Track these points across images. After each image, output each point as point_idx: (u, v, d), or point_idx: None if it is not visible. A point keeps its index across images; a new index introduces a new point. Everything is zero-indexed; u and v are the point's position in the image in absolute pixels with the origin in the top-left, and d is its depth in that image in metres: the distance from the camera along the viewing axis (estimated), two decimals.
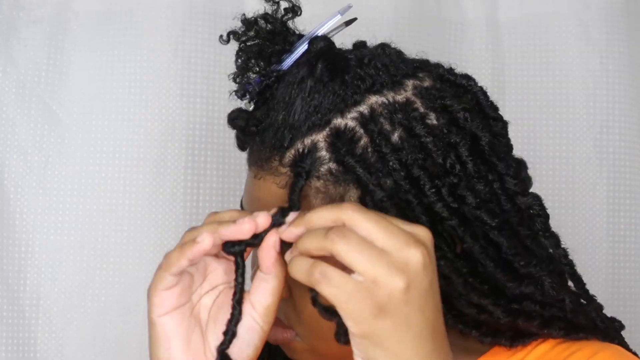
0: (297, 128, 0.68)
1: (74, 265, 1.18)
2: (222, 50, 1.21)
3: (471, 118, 0.69)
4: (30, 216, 1.17)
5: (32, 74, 1.18)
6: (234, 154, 1.23)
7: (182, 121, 1.20)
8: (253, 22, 0.74)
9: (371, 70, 0.69)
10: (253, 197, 0.72)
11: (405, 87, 0.69)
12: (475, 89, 0.72)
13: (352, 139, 0.67)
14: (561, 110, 1.29)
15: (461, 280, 0.67)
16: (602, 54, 1.29)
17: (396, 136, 0.67)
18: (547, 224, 0.72)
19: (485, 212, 0.67)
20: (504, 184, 0.69)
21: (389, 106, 0.68)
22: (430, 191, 0.66)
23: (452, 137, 0.68)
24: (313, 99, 0.68)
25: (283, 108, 0.69)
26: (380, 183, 0.66)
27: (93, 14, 1.21)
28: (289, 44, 0.73)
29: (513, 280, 0.69)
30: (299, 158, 0.67)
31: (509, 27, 1.31)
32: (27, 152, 1.18)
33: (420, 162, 0.66)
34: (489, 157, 0.69)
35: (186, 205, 1.20)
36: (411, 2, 1.28)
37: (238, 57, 0.74)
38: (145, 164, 1.20)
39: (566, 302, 0.71)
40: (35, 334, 1.16)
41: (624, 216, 1.28)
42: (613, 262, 1.27)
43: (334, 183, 0.67)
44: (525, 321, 0.70)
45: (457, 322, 0.70)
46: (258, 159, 0.70)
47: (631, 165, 1.28)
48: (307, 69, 0.69)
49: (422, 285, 0.59)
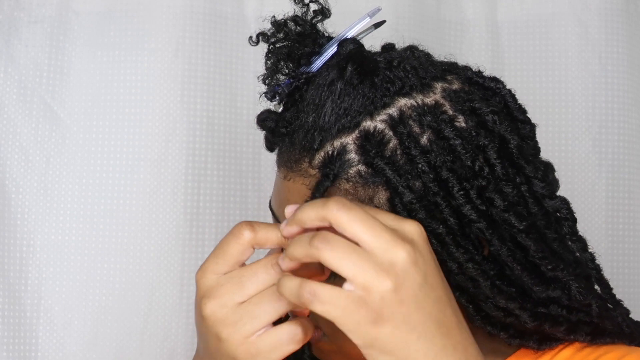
0: (327, 130, 0.68)
1: (75, 265, 1.18)
2: (223, 51, 1.24)
3: (499, 121, 0.68)
4: (31, 216, 1.18)
5: (33, 74, 1.19)
6: (235, 155, 1.23)
7: (182, 121, 1.21)
8: (283, 24, 0.73)
9: (400, 73, 0.69)
10: (282, 199, 0.72)
11: (434, 90, 0.69)
12: (504, 92, 0.73)
13: (381, 141, 0.67)
14: (560, 110, 1.29)
15: (488, 283, 0.67)
16: (602, 54, 1.29)
17: (425, 139, 0.67)
18: (574, 227, 0.72)
19: (513, 215, 0.66)
20: (531, 187, 0.69)
21: (418, 109, 0.68)
22: (459, 193, 0.66)
23: (481, 140, 0.67)
24: (343, 102, 0.68)
25: (313, 110, 0.69)
26: (409, 185, 0.66)
27: (94, 15, 1.21)
28: (318, 46, 0.72)
29: (540, 284, 0.68)
30: (329, 160, 0.67)
31: (508, 27, 1.31)
32: (28, 152, 1.18)
33: (448, 165, 0.66)
34: (517, 160, 0.69)
35: (187, 205, 1.20)
36: (411, 2, 1.28)
37: (267, 59, 0.74)
38: (145, 164, 1.20)
39: (593, 306, 0.71)
40: (37, 333, 1.16)
41: (622, 216, 1.28)
42: (612, 262, 1.28)
43: (363, 185, 0.67)
44: (552, 327, 0.70)
45: (485, 323, 0.70)
46: (287, 161, 0.71)
47: (630, 165, 1.29)
48: (337, 71, 0.69)
49: (415, 282, 0.57)
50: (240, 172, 1.23)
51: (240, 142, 1.23)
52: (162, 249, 1.20)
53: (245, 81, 1.24)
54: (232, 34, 1.24)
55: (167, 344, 1.19)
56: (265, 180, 1.24)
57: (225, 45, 1.24)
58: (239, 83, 1.24)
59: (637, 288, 1.29)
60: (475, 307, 0.68)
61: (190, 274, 1.20)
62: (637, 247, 1.29)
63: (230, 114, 1.23)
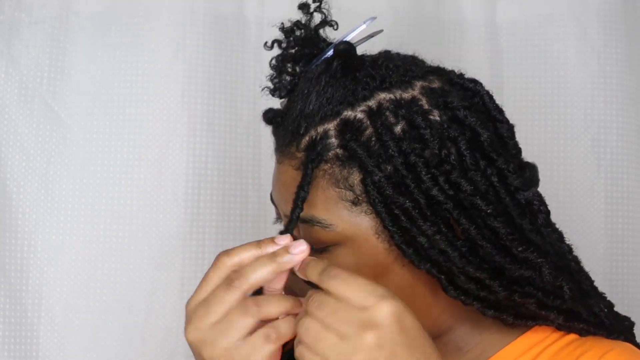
0: (312, 117, 0.74)
1: (75, 265, 1.19)
2: (223, 52, 1.24)
3: (470, 115, 0.74)
4: (32, 216, 1.18)
5: (34, 74, 1.19)
6: (234, 155, 1.24)
7: (183, 122, 1.21)
8: (290, 31, 0.81)
9: (382, 70, 0.75)
10: (277, 181, 0.78)
11: (413, 87, 0.75)
12: (482, 92, 0.78)
13: (358, 129, 0.73)
14: (559, 110, 1.29)
15: (457, 254, 0.72)
16: (600, 55, 1.29)
17: (399, 128, 0.73)
18: (548, 219, 0.77)
19: (480, 199, 0.72)
20: (504, 179, 0.74)
21: (395, 102, 0.74)
22: (426, 176, 0.71)
23: (452, 132, 0.73)
24: (326, 92, 0.75)
25: (301, 99, 0.76)
26: (379, 166, 0.72)
27: (94, 15, 1.21)
28: (318, 49, 0.80)
29: (512, 263, 0.72)
30: (312, 144, 0.74)
31: (507, 27, 1.32)
32: (29, 153, 1.18)
33: (417, 151, 0.72)
34: (488, 152, 0.73)
35: (187, 205, 1.21)
36: (410, 3, 1.29)
37: (276, 60, 0.81)
38: (146, 164, 1.20)
39: (565, 289, 0.74)
40: (38, 333, 1.17)
41: (621, 216, 1.28)
42: (610, 262, 1.28)
43: (340, 166, 0.73)
44: (522, 297, 0.73)
45: (459, 293, 0.73)
46: (281, 145, 0.78)
47: (629, 165, 1.29)
48: (325, 66, 0.76)
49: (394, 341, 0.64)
50: (240, 172, 1.23)
51: (240, 142, 1.24)
52: (162, 249, 1.20)
53: (245, 81, 1.24)
54: (232, 34, 1.24)
55: (167, 344, 1.19)
56: (265, 180, 1.24)
57: (225, 45, 1.24)
58: (239, 83, 1.24)
59: (636, 288, 1.29)
60: (448, 278, 0.73)
61: (190, 274, 1.20)
62: (636, 246, 1.29)
63: (230, 114, 1.23)
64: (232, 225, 1.23)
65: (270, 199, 0.81)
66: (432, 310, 0.76)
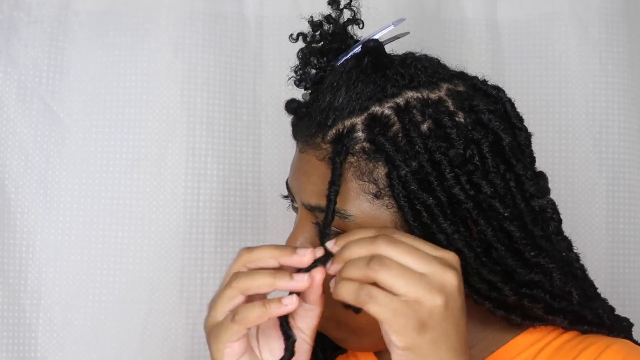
0: (340, 110, 0.77)
1: (74, 265, 1.18)
2: (223, 51, 1.24)
3: (494, 119, 0.76)
4: (31, 216, 1.18)
5: (32, 74, 1.19)
6: (235, 155, 1.23)
7: (182, 121, 1.21)
8: (318, 25, 0.83)
9: (411, 70, 0.78)
10: (297, 170, 0.80)
11: (439, 88, 0.77)
12: (505, 99, 0.81)
13: (386, 124, 0.75)
14: (560, 109, 1.29)
15: (472, 255, 0.74)
16: (602, 54, 1.29)
17: (425, 126, 0.75)
18: (559, 227, 0.80)
19: (498, 201, 0.74)
20: (520, 185, 0.76)
21: (422, 101, 0.76)
22: (449, 175, 0.74)
23: (476, 134, 0.75)
24: (356, 87, 0.77)
25: (330, 92, 0.78)
26: (405, 161, 0.74)
27: (93, 14, 1.21)
28: (345, 45, 0.82)
29: (523, 267, 0.75)
30: (339, 136, 0.76)
31: (508, 26, 1.31)
32: (28, 152, 1.18)
33: (443, 150, 0.74)
34: (508, 157, 0.76)
35: (186, 205, 1.21)
36: (411, 2, 1.28)
37: (302, 52, 0.83)
38: (145, 164, 1.20)
39: (573, 294, 0.77)
40: (36, 334, 1.17)
41: (623, 216, 1.28)
42: (612, 262, 1.27)
43: (366, 160, 0.75)
44: (531, 302, 0.76)
45: (472, 292, 0.76)
46: (305, 135, 0.79)
47: (630, 165, 1.28)
48: (355, 61, 0.78)
49: (457, 305, 0.67)
50: (240, 172, 1.23)
51: (240, 142, 1.24)
52: (162, 249, 1.20)
53: (245, 81, 1.24)
54: (232, 34, 1.24)
55: (167, 344, 1.19)
56: (265, 180, 1.24)
57: (225, 45, 1.24)
58: (239, 83, 1.24)
59: (637, 288, 1.29)
60: (462, 277, 0.74)
61: (190, 274, 1.20)
62: (638, 246, 1.29)
63: (230, 114, 1.23)
64: (232, 225, 1.22)
65: (286, 185, 0.83)
66: None
